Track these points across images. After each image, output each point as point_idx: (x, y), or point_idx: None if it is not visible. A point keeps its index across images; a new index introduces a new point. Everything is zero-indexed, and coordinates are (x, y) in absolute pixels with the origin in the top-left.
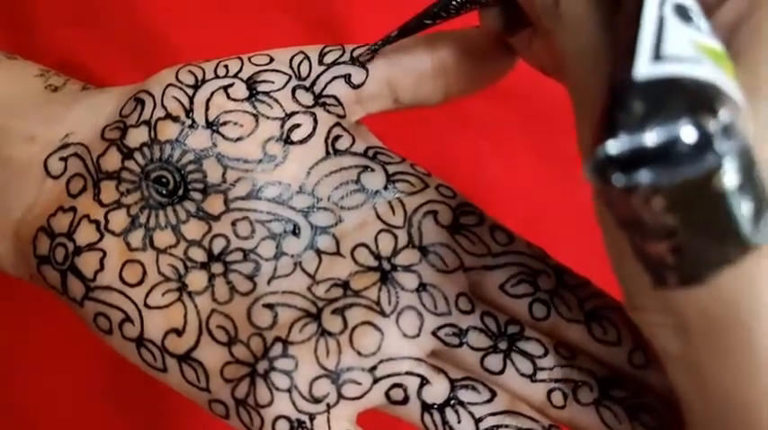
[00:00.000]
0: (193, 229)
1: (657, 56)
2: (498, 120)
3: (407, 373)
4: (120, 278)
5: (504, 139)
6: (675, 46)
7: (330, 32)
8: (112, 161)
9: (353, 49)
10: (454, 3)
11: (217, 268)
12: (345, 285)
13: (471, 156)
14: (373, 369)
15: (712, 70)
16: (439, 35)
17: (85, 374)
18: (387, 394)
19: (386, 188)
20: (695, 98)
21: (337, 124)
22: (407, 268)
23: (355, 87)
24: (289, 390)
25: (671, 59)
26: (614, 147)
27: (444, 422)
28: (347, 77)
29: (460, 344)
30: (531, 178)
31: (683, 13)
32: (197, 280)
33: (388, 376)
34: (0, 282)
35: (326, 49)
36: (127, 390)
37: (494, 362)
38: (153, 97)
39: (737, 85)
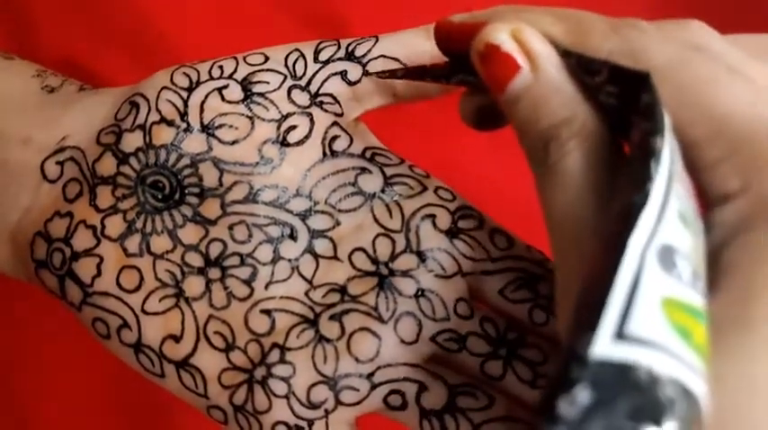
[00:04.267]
0: (190, 234)
1: (620, 334)
2: None
3: (405, 379)
4: (118, 284)
5: (507, 140)
6: (643, 320)
7: (330, 29)
8: (108, 166)
9: (349, 44)
10: (452, 79)
11: (214, 273)
12: (343, 290)
13: (473, 157)
14: (371, 375)
15: (674, 360)
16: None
17: (86, 374)
18: (385, 400)
19: (383, 191)
20: (644, 403)
21: (335, 124)
22: (405, 273)
23: (352, 84)
24: (286, 397)
25: (634, 341)
26: None
27: (443, 428)
28: (343, 74)
29: (460, 350)
30: (532, 180)
31: (667, 257)
32: (194, 285)
33: (386, 382)
34: (0, 282)
35: (321, 46)
36: (127, 390)
37: (494, 367)
38: (147, 101)
39: (702, 370)
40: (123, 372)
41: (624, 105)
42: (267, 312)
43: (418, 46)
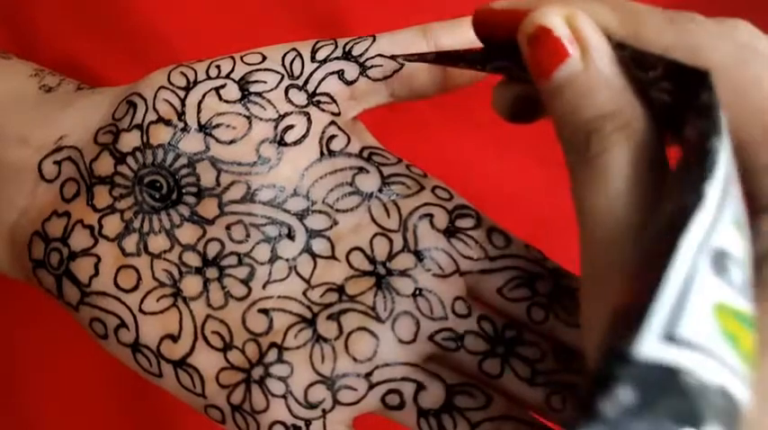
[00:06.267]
0: (188, 234)
1: (670, 336)
2: (499, 120)
3: (403, 379)
4: (115, 283)
5: (506, 140)
6: (694, 324)
7: (330, 29)
8: (105, 166)
9: (346, 44)
10: (489, 66)
11: (212, 273)
12: (341, 290)
13: (472, 157)
14: (369, 375)
15: (722, 367)
16: (433, 23)
17: (86, 374)
18: (382, 399)
19: (381, 190)
20: (688, 407)
21: (332, 123)
22: (403, 273)
23: (349, 83)
24: (284, 396)
25: (683, 344)
26: None
27: (440, 427)
28: (340, 73)
29: (458, 349)
30: (532, 179)
31: (720, 262)
32: (192, 285)
33: (384, 382)
34: (0, 282)
35: (318, 45)
36: (127, 390)
37: (492, 365)
38: (145, 100)
39: (747, 378)
40: (123, 372)
41: (678, 103)
42: (265, 312)
43: (415, 45)
